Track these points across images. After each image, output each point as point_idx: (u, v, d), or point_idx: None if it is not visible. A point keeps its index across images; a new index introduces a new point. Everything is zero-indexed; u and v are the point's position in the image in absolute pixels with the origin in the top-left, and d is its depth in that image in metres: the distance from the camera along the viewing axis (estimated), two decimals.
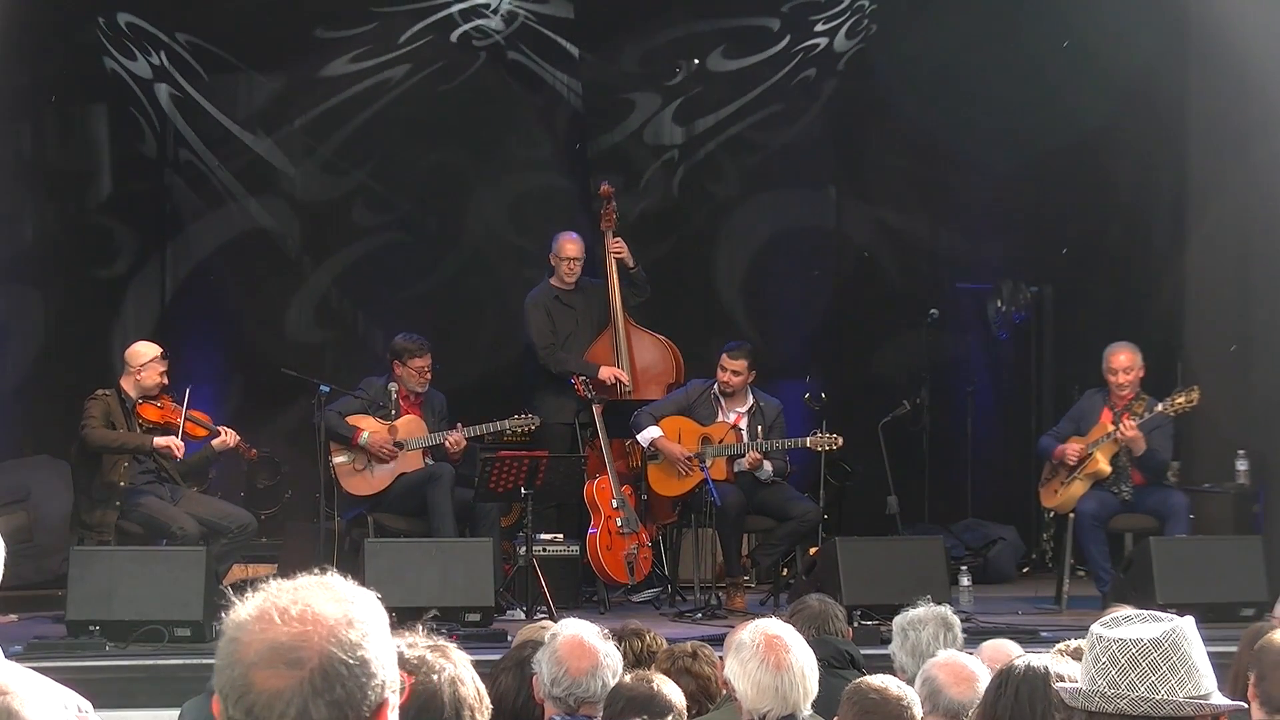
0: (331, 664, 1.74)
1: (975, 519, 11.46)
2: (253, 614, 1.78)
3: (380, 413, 9.57)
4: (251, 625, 1.77)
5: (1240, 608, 8.39)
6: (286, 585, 1.81)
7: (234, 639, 1.78)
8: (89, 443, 8.91)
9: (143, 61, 11.26)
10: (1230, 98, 10.02)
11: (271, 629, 1.76)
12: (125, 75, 11.26)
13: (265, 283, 11.59)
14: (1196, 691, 2.60)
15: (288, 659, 1.74)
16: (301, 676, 1.74)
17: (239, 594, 1.81)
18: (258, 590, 1.81)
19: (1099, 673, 2.61)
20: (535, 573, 8.99)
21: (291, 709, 1.73)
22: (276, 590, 1.80)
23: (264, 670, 1.74)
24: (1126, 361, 9.47)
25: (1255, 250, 10.00)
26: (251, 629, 1.77)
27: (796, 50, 11.84)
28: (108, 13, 11.17)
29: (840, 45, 11.85)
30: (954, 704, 3.98)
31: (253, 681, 1.75)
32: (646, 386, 10.33)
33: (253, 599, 1.80)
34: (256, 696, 1.74)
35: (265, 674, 1.74)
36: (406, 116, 11.59)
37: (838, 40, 11.85)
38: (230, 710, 1.76)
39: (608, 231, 10.32)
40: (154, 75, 11.29)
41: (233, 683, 1.76)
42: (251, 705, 1.74)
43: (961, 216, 11.97)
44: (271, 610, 1.77)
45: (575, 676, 4.19)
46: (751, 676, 4.19)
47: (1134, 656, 2.60)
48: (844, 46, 11.86)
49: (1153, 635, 2.61)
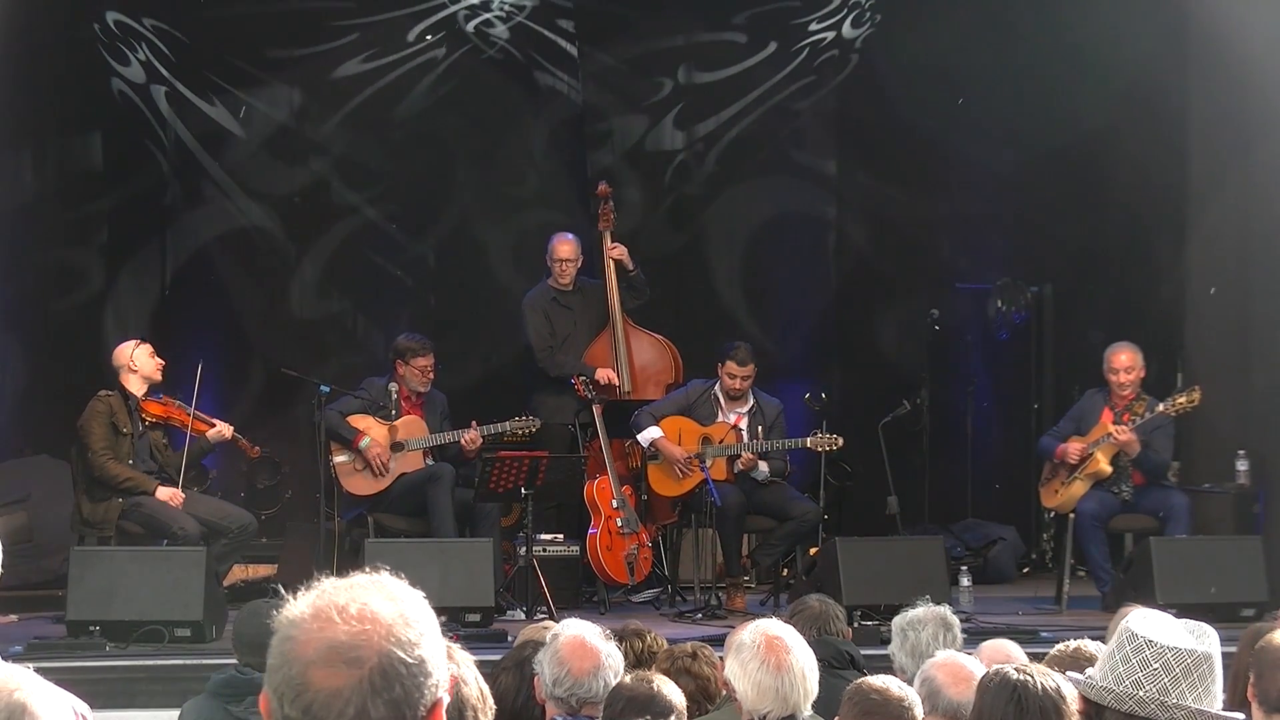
0: (390, 663, 1.74)
1: (975, 519, 11.46)
2: (309, 612, 1.77)
3: (381, 413, 9.58)
4: (308, 624, 1.76)
5: (1240, 608, 8.40)
6: (340, 584, 1.80)
7: (289, 637, 1.76)
8: (96, 471, 8.92)
9: (136, 66, 11.25)
10: (1230, 98, 10.02)
11: (330, 627, 1.75)
12: (124, 83, 11.25)
13: (265, 284, 11.58)
14: (1216, 705, 2.62)
15: (347, 657, 1.73)
16: (360, 675, 1.73)
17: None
18: (310, 589, 1.80)
19: (1148, 677, 2.61)
20: (535, 573, 8.99)
21: (350, 708, 1.72)
22: (331, 589, 1.79)
23: (322, 669, 1.73)
24: (1128, 361, 9.47)
25: (1255, 250, 10.00)
26: (308, 627, 1.76)
27: (798, 49, 11.84)
28: (99, 14, 11.16)
29: (849, 33, 11.84)
30: (953, 704, 3.98)
31: (311, 680, 1.73)
32: (645, 386, 10.33)
33: (306, 597, 1.79)
34: (315, 695, 1.73)
35: (324, 672, 1.73)
36: (406, 117, 11.59)
37: (845, 29, 11.84)
38: (286, 709, 1.74)
39: (605, 232, 10.32)
40: (147, 77, 11.28)
41: (289, 681, 1.74)
42: (309, 704, 1.73)
43: (961, 216, 11.97)
44: (329, 609, 1.76)
45: (578, 677, 4.19)
46: (752, 677, 4.19)
47: (1188, 667, 2.61)
48: (852, 34, 11.85)
49: (1205, 650, 2.63)
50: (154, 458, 9.16)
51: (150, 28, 11.25)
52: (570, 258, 10.15)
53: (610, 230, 10.33)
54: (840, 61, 11.88)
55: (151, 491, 8.91)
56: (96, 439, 8.92)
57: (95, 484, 8.97)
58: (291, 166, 11.60)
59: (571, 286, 10.22)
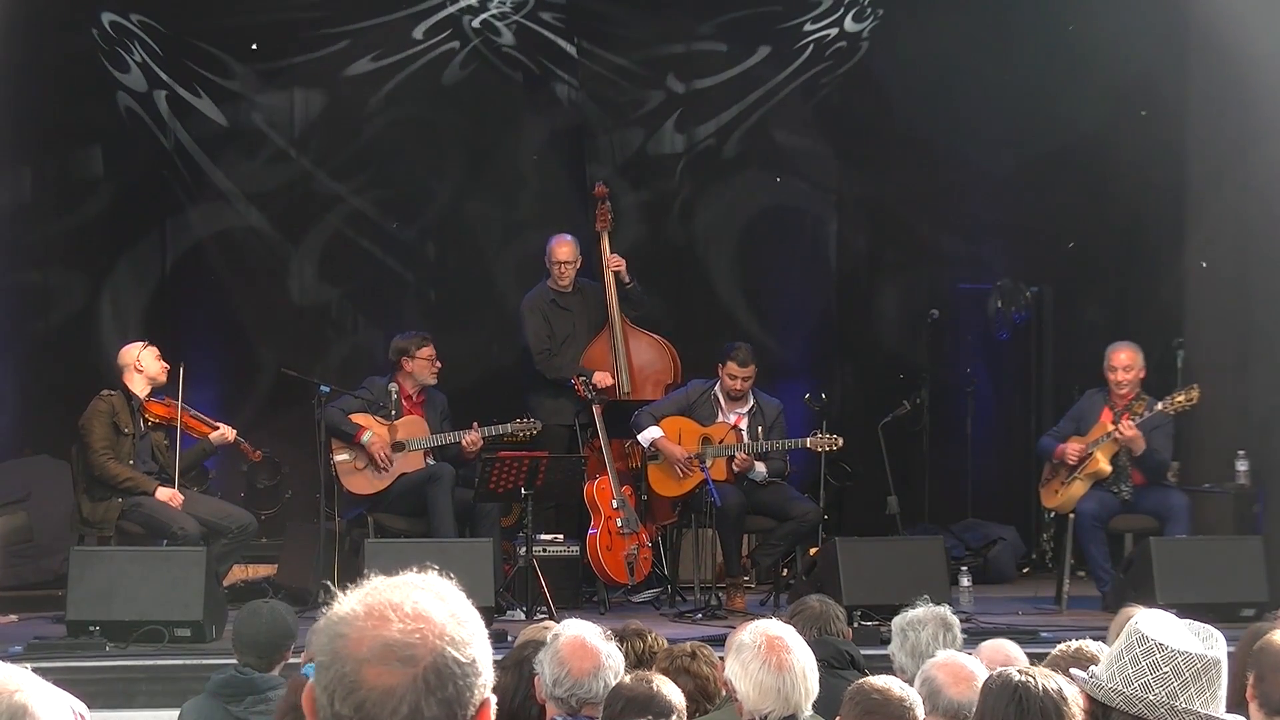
0: (445, 662, 1.74)
1: (975, 519, 11.47)
2: (360, 610, 1.76)
3: (382, 413, 9.58)
4: (361, 621, 1.75)
5: (1240, 608, 8.40)
6: (390, 582, 1.80)
7: (341, 635, 1.76)
8: (96, 470, 8.92)
9: (135, 71, 11.25)
10: (1229, 98, 10.03)
11: (384, 625, 1.74)
12: (125, 90, 11.25)
13: (265, 284, 11.57)
14: (1221, 708, 2.63)
15: (401, 656, 1.73)
16: (415, 674, 1.73)
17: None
18: (358, 587, 1.80)
19: (1157, 681, 2.62)
20: (535, 573, 8.99)
21: (404, 706, 1.72)
22: (381, 587, 1.79)
23: (376, 666, 1.73)
24: (1128, 360, 9.48)
25: (1255, 250, 10.00)
26: (361, 625, 1.75)
27: (801, 49, 11.84)
28: (95, 18, 11.16)
29: (851, 27, 11.84)
30: (953, 704, 3.98)
31: (364, 678, 1.73)
32: (644, 387, 10.33)
33: (355, 595, 1.79)
34: (368, 693, 1.72)
35: (377, 670, 1.73)
36: (405, 117, 11.59)
37: (847, 23, 11.84)
38: (337, 705, 1.73)
39: (603, 232, 10.32)
40: (148, 84, 11.28)
41: (341, 679, 1.74)
42: (362, 701, 1.72)
43: (961, 216, 11.97)
44: (383, 606, 1.76)
45: (578, 677, 4.19)
46: (753, 677, 4.19)
47: (1198, 672, 2.62)
48: (855, 28, 11.84)
49: (1214, 654, 2.63)
50: (155, 459, 9.16)
51: (144, 28, 11.24)
52: (569, 260, 10.15)
53: (608, 230, 10.33)
54: (849, 51, 11.84)
55: (151, 492, 8.91)
56: (97, 438, 8.93)
57: (95, 484, 8.97)
58: (292, 167, 11.59)
59: (570, 288, 10.23)
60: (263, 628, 5.77)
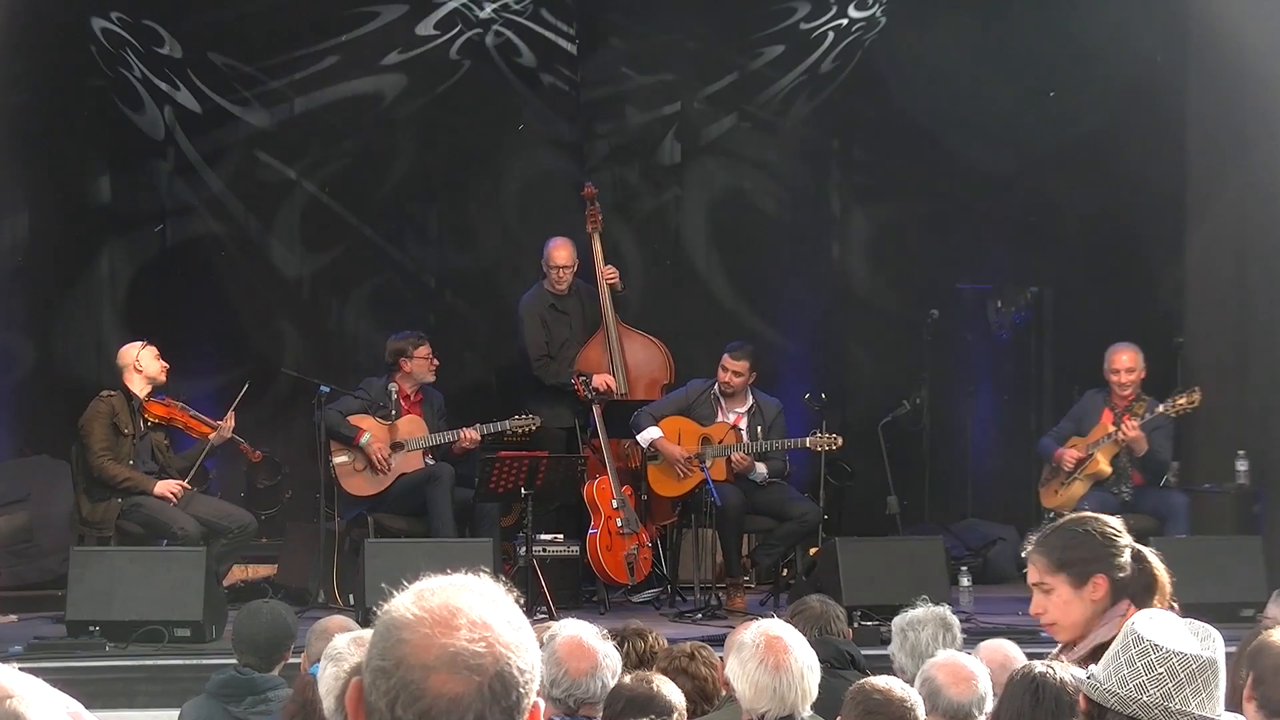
0: (510, 670, 1.74)
1: (975, 519, 11.46)
2: (422, 615, 1.76)
3: (380, 413, 9.59)
4: (424, 627, 1.75)
5: (1240, 608, 8.39)
6: (443, 584, 1.80)
7: (403, 640, 1.75)
8: (95, 471, 8.92)
9: (134, 71, 11.25)
10: (1230, 98, 10.03)
11: (449, 634, 1.74)
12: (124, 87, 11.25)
13: (265, 284, 11.56)
14: (1219, 709, 2.63)
15: (470, 664, 1.73)
16: (481, 682, 1.73)
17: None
18: (411, 588, 1.79)
19: (1152, 682, 2.62)
20: (535, 573, 8.99)
21: (470, 714, 1.72)
22: (435, 589, 1.79)
23: (443, 674, 1.72)
24: (1129, 362, 9.47)
25: (1254, 250, 10.01)
26: (424, 631, 1.74)
27: (802, 49, 11.83)
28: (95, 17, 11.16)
29: (853, 22, 11.84)
30: (954, 704, 3.98)
31: (430, 685, 1.72)
32: (637, 387, 10.33)
33: (410, 598, 1.78)
34: (434, 701, 1.72)
35: (444, 678, 1.72)
36: (405, 117, 11.58)
37: (849, 22, 11.83)
38: (399, 712, 1.73)
39: (594, 234, 10.33)
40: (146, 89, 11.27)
41: (405, 685, 1.73)
42: (428, 709, 1.72)
43: (961, 216, 11.97)
44: (445, 612, 1.76)
45: (575, 677, 4.19)
46: (750, 676, 4.19)
47: (1193, 673, 2.61)
48: (856, 28, 11.84)
49: (1211, 655, 2.63)
50: (155, 459, 9.16)
51: (141, 28, 11.24)
52: (566, 264, 10.15)
53: (599, 231, 10.34)
54: (850, 51, 11.81)
55: (150, 491, 8.91)
56: (97, 439, 8.93)
57: (95, 484, 8.97)
58: (290, 167, 11.58)
59: (568, 291, 10.23)
60: (263, 628, 5.77)
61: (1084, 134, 11.27)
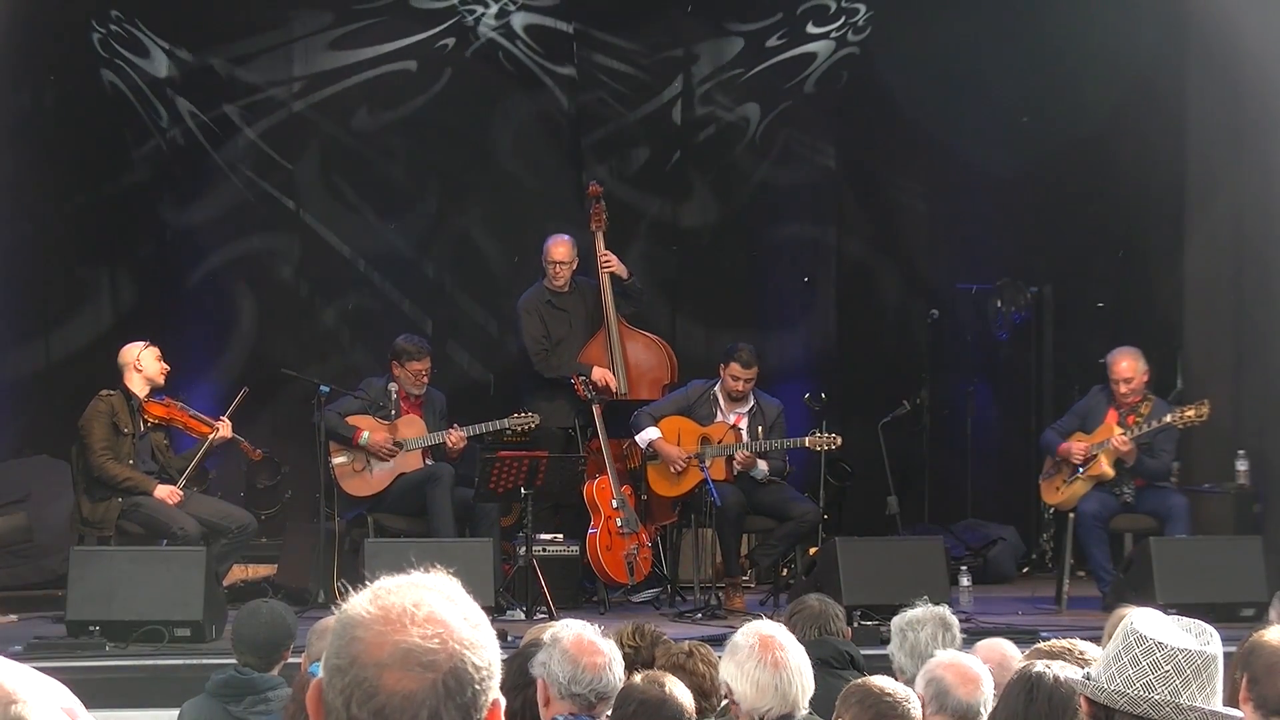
0: (464, 666, 1.75)
1: (975, 519, 11.46)
2: (376, 613, 1.76)
3: (380, 413, 9.58)
4: (377, 625, 1.75)
5: (1240, 608, 8.40)
6: (398, 583, 1.79)
7: (357, 638, 1.75)
8: (96, 470, 8.92)
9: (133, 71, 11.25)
10: (1229, 98, 10.03)
11: (402, 630, 1.74)
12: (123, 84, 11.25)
13: (264, 284, 11.57)
14: (1219, 703, 2.63)
15: (422, 661, 1.73)
16: (435, 679, 1.73)
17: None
18: (369, 587, 1.79)
19: (1159, 680, 2.62)
20: (535, 573, 8.99)
21: (424, 711, 1.72)
22: (391, 588, 1.79)
23: (396, 672, 1.73)
24: (1128, 371, 9.45)
25: (1254, 250, 10.00)
26: (378, 629, 1.75)
27: (803, 47, 11.84)
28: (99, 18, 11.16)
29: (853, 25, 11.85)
30: (961, 704, 3.98)
31: (384, 683, 1.73)
32: (639, 386, 10.32)
33: (365, 596, 1.78)
34: (388, 698, 1.72)
35: (397, 675, 1.73)
36: (404, 116, 11.58)
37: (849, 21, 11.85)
38: (354, 710, 1.73)
39: (598, 232, 10.32)
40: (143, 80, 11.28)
41: (359, 683, 1.73)
42: (381, 707, 1.72)
43: (961, 216, 11.97)
44: (398, 610, 1.75)
45: (594, 672, 4.15)
46: (750, 676, 4.19)
47: (1198, 668, 2.62)
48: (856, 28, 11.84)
49: (1211, 650, 2.63)
50: (155, 459, 9.16)
51: (141, 30, 11.24)
52: (565, 260, 10.14)
53: (603, 230, 10.32)
54: (851, 51, 11.82)
55: (151, 491, 8.91)
56: (97, 439, 8.93)
57: (95, 484, 8.97)
58: (290, 168, 11.58)
59: (566, 288, 10.22)
60: (262, 628, 5.77)
61: (1084, 134, 11.27)
